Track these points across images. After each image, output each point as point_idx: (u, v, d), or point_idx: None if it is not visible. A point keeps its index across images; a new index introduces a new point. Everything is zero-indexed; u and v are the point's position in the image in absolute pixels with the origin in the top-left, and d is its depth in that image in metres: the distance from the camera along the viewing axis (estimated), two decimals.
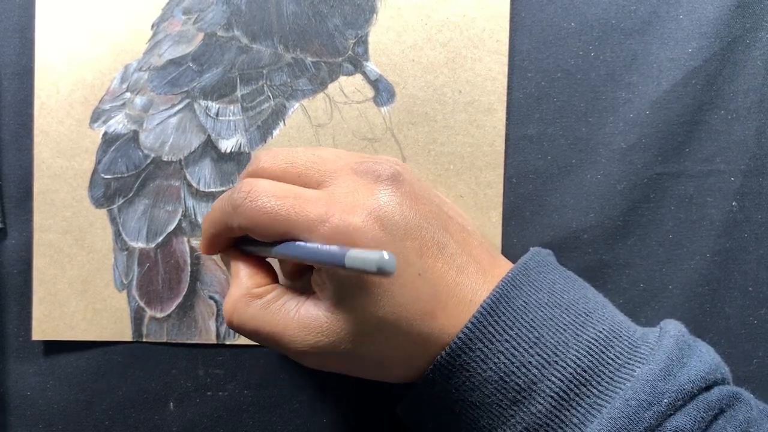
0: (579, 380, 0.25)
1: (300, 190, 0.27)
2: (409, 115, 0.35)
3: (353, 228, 0.25)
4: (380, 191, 0.26)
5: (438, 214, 0.27)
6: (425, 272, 0.26)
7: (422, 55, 0.35)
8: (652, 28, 0.34)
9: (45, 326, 0.35)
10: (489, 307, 0.26)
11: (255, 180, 0.27)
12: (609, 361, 0.25)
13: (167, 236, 0.35)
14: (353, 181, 0.27)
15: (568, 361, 0.25)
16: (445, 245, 0.26)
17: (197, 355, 0.36)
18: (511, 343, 0.25)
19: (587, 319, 0.26)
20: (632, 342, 0.26)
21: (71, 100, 0.35)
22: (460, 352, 0.25)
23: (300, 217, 0.26)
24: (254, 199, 0.26)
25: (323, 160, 0.28)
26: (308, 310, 0.26)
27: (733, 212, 0.35)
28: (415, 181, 0.28)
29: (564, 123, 0.35)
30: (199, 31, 0.35)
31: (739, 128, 0.34)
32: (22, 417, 0.36)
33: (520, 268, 0.27)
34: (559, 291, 0.27)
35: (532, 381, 0.25)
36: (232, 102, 0.35)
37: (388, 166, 0.27)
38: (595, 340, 0.25)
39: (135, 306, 0.36)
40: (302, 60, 0.35)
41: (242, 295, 0.28)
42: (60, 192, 0.35)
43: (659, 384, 0.24)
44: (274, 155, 0.28)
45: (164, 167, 0.35)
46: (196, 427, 0.36)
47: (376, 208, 0.25)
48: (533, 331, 0.25)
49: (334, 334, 0.26)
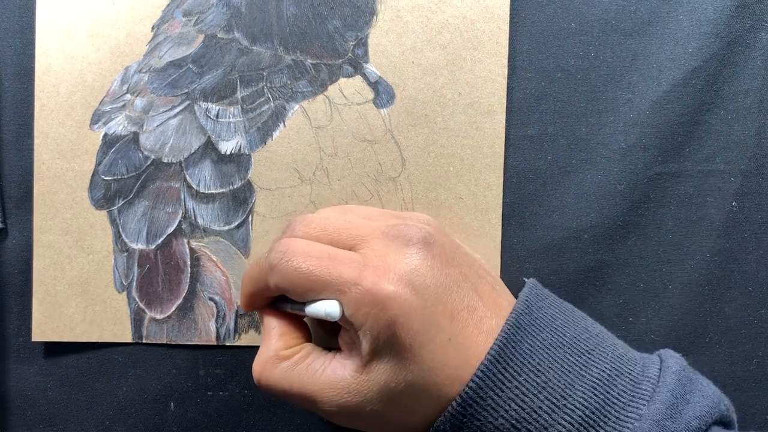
0: (588, 422, 0.25)
1: (334, 251, 0.27)
2: (408, 116, 0.34)
3: (385, 293, 0.25)
4: (412, 255, 0.26)
5: (468, 276, 0.27)
6: (456, 337, 0.26)
7: (422, 57, 0.34)
8: (652, 28, 0.34)
9: (45, 327, 0.35)
10: (497, 353, 0.25)
11: (291, 240, 0.28)
12: (614, 400, 0.25)
13: (167, 238, 0.35)
14: (385, 244, 0.27)
15: (576, 403, 0.25)
16: (475, 308, 0.26)
17: (198, 355, 0.35)
18: (520, 389, 0.25)
19: (590, 357, 0.26)
20: (634, 378, 0.26)
21: (71, 102, 0.35)
22: (472, 401, 0.25)
23: (333, 278, 0.26)
24: (290, 259, 0.27)
25: (355, 225, 0.28)
26: (335, 370, 0.26)
27: (733, 212, 0.35)
28: (446, 241, 0.28)
29: (564, 123, 0.34)
30: (199, 33, 0.35)
31: (739, 128, 0.34)
32: (23, 417, 0.36)
33: (522, 308, 0.27)
34: (560, 328, 0.27)
35: (543, 427, 0.25)
36: (232, 104, 0.35)
37: (418, 229, 0.27)
38: (599, 380, 0.25)
39: (135, 307, 0.35)
40: (302, 62, 0.35)
41: (270, 357, 0.28)
42: (60, 193, 0.35)
43: (667, 423, 0.24)
44: (308, 223, 0.29)
45: (164, 169, 0.35)
46: (197, 426, 0.35)
47: (407, 273, 0.26)
48: (541, 376, 0.25)
49: (361, 395, 0.26)
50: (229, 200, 0.35)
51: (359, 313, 0.25)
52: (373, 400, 0.26)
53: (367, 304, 0.25)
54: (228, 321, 0.35)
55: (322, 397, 0.26)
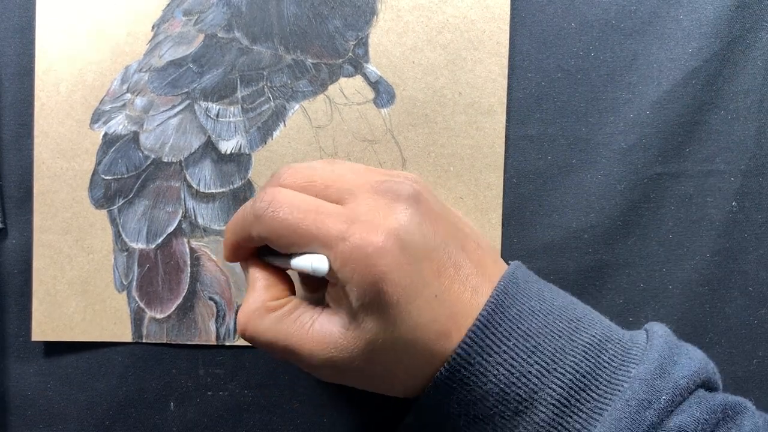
0: (578, 385, 0.24)
1: (322, 203, 0.26)
2: (409, 116, 0.34)
3: (373, 248, 0.24)
4: (400, 211, 0.25)
5: (455, 234, 0.27)
6: (442, 293, 0.25)
7: (422, 56, 0.34)
8: (652, 29, 0.34)
9: (45, 327, 0.35)
10: (485, 318, 0.25)
11: (278, 189, 0.27)
12: (605, 364, 0.25)
13: (167, 237, 0.35)
14: (374, 199, 0.26)
15: (567, 367, 0.24)
16: (461, 266, 0.26)
17: (197, 355, 0.35)
18: (509, 354, 0.25)
19: (579, 324, 0.26)
20: (624, 344, 0.26)
21: (71, 101, 0.35)
22: (459, 367, 0.25)
23: (321, 232, 0.25)
24: (275, 210, 0.26)
25: (342, 177, 0.27)
26: (323, 324, 0.26)
27: (733, 212, 0.34)
28: (433, 199, 0.27)
29: (564, 123, 0.34)
30: (199, 33, 0.35)
31: (739, 128, 0.34)
32: (23, 417, 0.35)
33: (510, 278, 0.27)
34: (548, 298, 0.27)
35: (533, 390, 0.24)
36: (233, 103, 0.34)
37: (408, 185, 0.26)
38: (590, 345, 0.25)
39: (135, 307, 0.35)
40: (302, 61, 0.34)
41: (257, 308, 0.27)
42: (60, 193, 0.35)
43: (656, 382, 0.24)
44: (294, 172, 0.28)
45: (164, 168, 0.35)
46: (197, 426, 0.35)
47: (396, 229, 0.25)
48: (530, 340, 0.25)
49: (348, 351, 0.25)
50: (230, 200, 0.34)
51: (346, 269, 0.24)
52: (361, 356, 0.25)
53: (355, 260, 0.24)
54: (228, 321, 0.35)
55: (309, 352, 0.25)
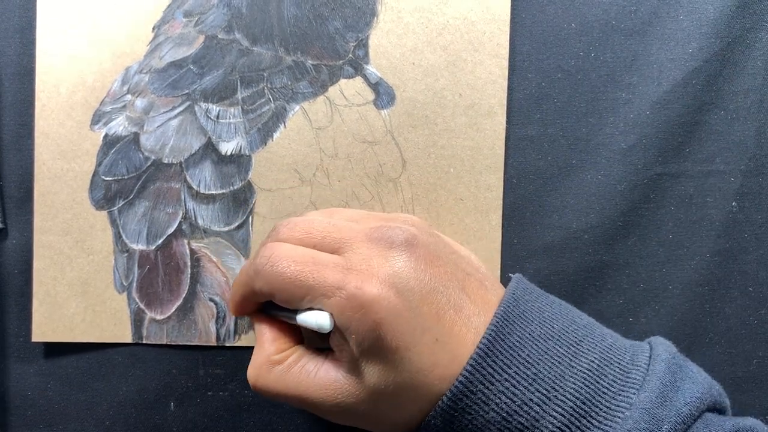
0: (579, 413, 0.24)
1: (318, 255, 0.26)
2: (409, 118, 0.34)
3: (368, 297, 0.24)
4: (394, 258, 0.26)
5: (454, 274, 0.27)
6: (443, 336, 0.25)
7: (423, 58, 0.34)
8: (652, 29, 0.34)
9: (45, 328, 0.34)
10: (486, 347, 0.25)
11: (275, 244, 0.27)
12: (605, 390, 0.24)
13: (167, 238, 0.34)
14: (368, 248, 0.26)
15: (567, 394, 0.24)
16: (462, 307, 0.26)
17: (198, 355, 0.35)
18: (510, 382, 0.24)
19: (579, 348, 0.26)
20: (624, 368, 0.25)
21: (72, 102, 0.34)
22: (462, 395, 0.25)
23: (318, 282, 0.25)
24: (274, 264, 0.26)
25: (339, 228, 0.27)
26: (327, 371, 0.26)
27: (733, 212, 0.34)
28: (430, 241, 0.27)
29: (564, 123, 0.34)
30: (199, 34, 0.34)
31: (739, 128, 0.34)
32: (23, 417, 0.35)
33: (510, 301, 0.26)
34: (548, 320, 0.26)
35: (535, 419, 0.24)
36: (233, 104, 0.34)
37: (401, 231, 0.26)
38: (588, 371, 0.25)
39: (135, 308, 0.35)
40: (303, 63, 0.34)
41: (264, 362, 0.28)
42: (60, 194, 0.34)
43: (657, 411, 0.24)
44: (292, 227, 0.28)
45: (164, 169, 0.34)
46: (197, 427, 0.35)
47: (390, 276, 0.25)
48: (530, 368, 0.25)
49: (353, 396, 0.26)
50: (230, 201, 0.34)
51: (344, 317, 0.25)
52: (365, 401, 0.25)
53: (352, 308, 0.24)
54: (228, 322, 0.34)
55: (317, 398, 0.26)
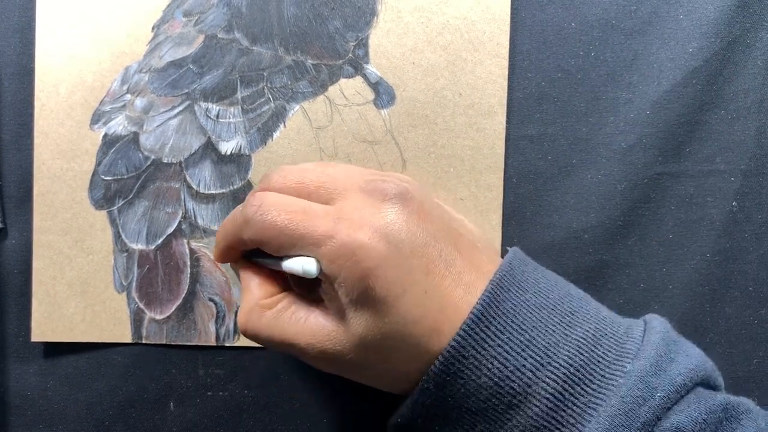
0: (572, 380, 0.24)
1: (308, 204, 0.26)
2: (409, 117, 0.33)
3: (359, 244, 0.24)
4: (387, 209, 0.25)
5: (447, 231, 0.26)
6: (432, 290, 0.25)
7: (423, 57, 0.33)
8: (652, 28, 0.33)
9: (44, 328, 0.34)
10: (480, 312, 0.25)
11: (265, 193, 0.27)
12: (599, 359, 0.24)
13: (167, 238, 0.34)
14: (361, 198, 0.26)
15: (561, 361, 0.24)
16: (452, 262, 0.25)
17: (197, 355, 0.34)
18: (503, 347, 0.24)
19: (573, 318, 0.25)
20: (618, 339, 0.25)
21: (71, 102, 0.34)
22: (454, 360, 0.24)
23: (308, 231, 0.25)
24: (264, 213, 0.26)
25: (332, 178, 0.27)
26: (317, 319, 0.26)
27: (733, 212, 0.34)
28: (424, 198, 0.27)
29: (564, 123, 0.34)
30: (199, 33, 0.34)
31: (739, 128, 0.33)
32: (22, 417, 0.35)
33: (506, 269, 0.26)
34: (544, 290, 0.26)
35: (527, 384, 0.24)
36: (233, 104, 0.34)
37: (395, 184, 0.26)
38: (583, 339, 0.25)
39: (134, 308, 0.34)
40: (303, 62, 0.34)
41: (254, 306, 0.27)
42: (60, 193, 0.34)
43: (651, 379, 0.24)
44: (285, 174, 0.28)
45: (164, 169, 0.34)
46: (197, 427, 0.34)
47: (382, 226, 0.25)
48: (524, 334, 0.25)
49: (341, 344, 0.25)
50: (230, 201, 0.34)
51: (334, 266, 0.24)
52: (353, 350, 0.25)
53: (342, 257, 0.24)
54: (228, 322, 0.34)
55: (305, 345, 0.26)
